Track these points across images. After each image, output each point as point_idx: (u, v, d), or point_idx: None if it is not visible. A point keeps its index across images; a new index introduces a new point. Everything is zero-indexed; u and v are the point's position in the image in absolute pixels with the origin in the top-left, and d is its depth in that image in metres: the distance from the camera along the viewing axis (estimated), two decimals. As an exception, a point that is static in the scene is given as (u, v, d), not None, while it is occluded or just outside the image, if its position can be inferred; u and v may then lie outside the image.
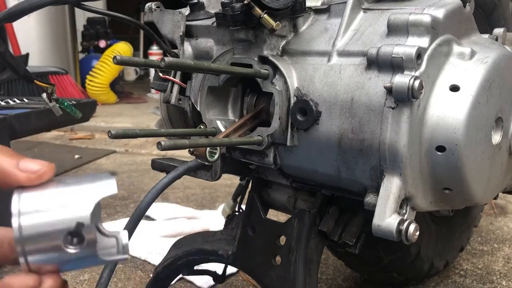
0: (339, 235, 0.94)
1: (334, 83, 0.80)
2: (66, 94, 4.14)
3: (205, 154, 0.84)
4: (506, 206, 2.14)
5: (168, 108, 1.12)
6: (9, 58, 0.84)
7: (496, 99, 0.82)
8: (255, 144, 0.86)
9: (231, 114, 0.96)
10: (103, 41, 5.70)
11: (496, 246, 1.78)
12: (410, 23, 0.76)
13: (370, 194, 0.80)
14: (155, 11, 1.02)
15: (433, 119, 0.76)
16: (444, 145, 0.76)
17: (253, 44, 0.89)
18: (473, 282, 1.54)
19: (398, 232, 0.73)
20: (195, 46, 1.01)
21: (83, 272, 1.68)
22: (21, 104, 2.51)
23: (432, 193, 0.81)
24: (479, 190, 0.83)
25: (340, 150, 0.80)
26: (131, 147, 3.33)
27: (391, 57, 0.73)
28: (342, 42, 0.83)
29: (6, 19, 0.77)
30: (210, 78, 0.93)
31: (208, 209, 2.12)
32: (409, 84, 0.70)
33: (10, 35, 4.09)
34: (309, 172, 0.89)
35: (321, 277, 1.55)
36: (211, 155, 0.85)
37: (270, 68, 0.86)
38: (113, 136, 0.74)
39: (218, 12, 0.88)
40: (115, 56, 0.64)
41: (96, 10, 0.84)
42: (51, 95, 0.94)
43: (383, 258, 1.30)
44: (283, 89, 0.85)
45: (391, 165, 0.75)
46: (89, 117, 2.72)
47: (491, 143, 0.84)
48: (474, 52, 0.80)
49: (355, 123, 0.77)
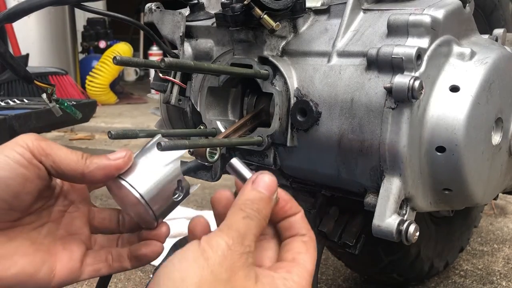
0: (339, 236, 0.94)
1: (334, 83, 0.80)
2: (66, 95, 4.14)
3: (205, 155, 0.84)
4: (506, 207, 2.14)
5: (168, 109, 1.12)
6: (9, 59, 0.84)
7: (496, 99, 0.82)
8: (255, 144, 0.86)
9: (231, 115, 0.96)
10: (103, 41, 5.71)
11: (496, 247, 1.78)
12: (410, 23, 0.76)
13: (370, 194, 0.80)
14: (155, 12, 1.02)
15: (433, 119, 0.76)
16: (444, 146, 0.76)
17: (253, 45, 0.89)
18: (473, 282, 1.54)
19: (398, 232, 0.73)
20: (195, 47, 1.01)
21: (83, 273, 1.68)
22: (21, 104, 2.52)
23: (432, 193, 0.81)
24: (479, 190, 0.83)
25: (340, 150, 0.80)
26: (131, 148, 3.33)
27: (391, 58, 0.73)
28: (342, 42, 0.83)
29: (6, 20, 0.77)
30: (210, 79, 0.93)
31: (208, 210, 2.12)
32: (409, 85, 0.70)
33: (10, 35, 4.10)
34: (309, 173, 0.89)
35: (321, 277, 1.55)
36: (211, 155, 0.85)
37: (270, 68, 0.86)
38: (113, 136, 0.74)
39: (218, 12, 0.88)
40: (115, 56, 0.64)
41: (96, 10, 0.84)
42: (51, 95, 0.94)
43: (383, 259, 1.30)
44: (283, 89, 0.85)
45: (391, 165, 0.75)
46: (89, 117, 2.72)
47: (491, 144, 0.84)
48: (474, 53, 0.80)
49: (355, 123, 0.77)
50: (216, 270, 0.50)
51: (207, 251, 0.51)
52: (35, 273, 0.62)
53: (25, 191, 0.59)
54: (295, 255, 0.58)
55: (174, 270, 0.50)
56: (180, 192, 0.68)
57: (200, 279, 0.49)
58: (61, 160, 0.61)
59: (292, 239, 0.60)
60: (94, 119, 3.94)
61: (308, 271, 0.57)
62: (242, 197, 0.57)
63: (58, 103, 0.95)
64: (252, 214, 0.55)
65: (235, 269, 0.51)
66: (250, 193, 0.57)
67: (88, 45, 5.79)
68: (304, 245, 0.59)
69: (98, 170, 0.62)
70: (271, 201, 0.58)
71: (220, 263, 0.50)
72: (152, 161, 0.66)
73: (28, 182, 0.59)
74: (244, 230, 0.54)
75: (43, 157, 0.60)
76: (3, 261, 0.60)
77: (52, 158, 0.60)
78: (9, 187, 0.58)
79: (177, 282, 0.49)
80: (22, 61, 3.63)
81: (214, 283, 0.49)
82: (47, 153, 0.60)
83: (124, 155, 0.64)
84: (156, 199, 0.65)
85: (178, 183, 0.68)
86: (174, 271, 0.50)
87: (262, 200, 0.57)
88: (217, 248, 0.51)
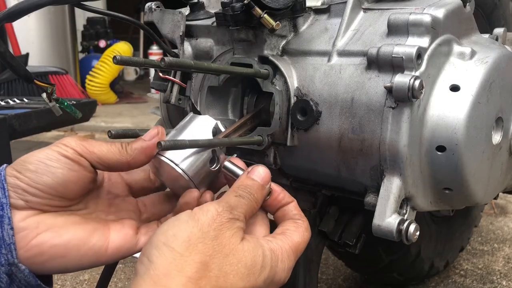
0: (339, 235, 0.94)
1: (334, 83, 0.80)
2: (66, 94, 4.14)
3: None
4: (506, 206, 2.14)
5: (168, 108, 1.12)
6: (9, 58, 0.84)
7: (496, 99, 0.82)
8: (255, 144, 0.85)
9: (231, 114, 0.96)
10: (103, 41, 5.71)
11: (496, 246, 1.78)
12: (410, 23, 0.75)
13: (370, 194, 0.80)
14: (155, 11, 1.02)
15: (433, 119, 0.76)
16: (444, 145, 0.76)
17: (253, 44, 0.89)
18: (473, 282, 1.54)
19: (398, 232, 0.73)
20: (195, 46, 1.01)
21: (83, 273, 1.68)
22: (21, 104, 2.52)
23: (432, 193, 0.81)
24: (479, 190, 0.83)
25: (340, 150, 0.80)
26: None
27: (391, 57, 0.73)
28: (342, 42, 0.83)
29: (6, 19, 0.77)
30: (210, 78, 0.93)
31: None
32: (409, 84, 0.70)
33: (10, 35, 4.10)
34: (309, 172, 0.89)
35: (321, 277, 1.55)
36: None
37: (270, 68, 0.86)
38: (113, 136, 0.74)
39: (218, 12, 0.88)
40: (115, 56, 0.64)
41: (96, 10, 0.83)
42: (51, 95, 0.93)
43: (383, 258, 1.30)
44: (283, 89, 0.85)
45: (391, 165, 0.75)
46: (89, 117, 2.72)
47: (491, 143, 0.84)
48: (475, 52, 0.80)
49: (355, 123, 0.77)
50: (204, 228, 0.58)
51: (198, 213, 0.59)
52: (88, 238, 0.66)
53: (71, 181, 0.64)
54: (284, 230, 0.66)
55: (168, 228, 0.58)
56: (216, 162, 0.72)
57: (189, 235, 0.57)
58: (105, 155, 0.66)
59: (285, 221, 0.68)
60: (94, 118, 3.94)
61: (293, 241, 0.65)
62: (237, 183, 0.66)
63: (58, 103, 0.95)
64: (243, 194, 0.64)
65: (223, 229, 0.59)
66: (244, 180, 0.66)
67: (88, 44, 5.79)
68: (294, 224, 0.67)
69: (140, 155, 0.67)
70: (263, 189, 0.66)
71: (209, 223, 0.58)
72: (186, 133, 0.72)
73: (74, 172, 0.64)
74: (234, 204, 0.62)
75: (87, 155, 0.65)
76: (56, 229, 0.64)
77: (96, 155, 0.66)
78: (56, 175, 0.63)
79: (170, 237, 0.57)
80: (22, 60, 3.64)
81: (202, 239, 0.57)
82: (90, 151, 0.65)
83: (157, 131, 0.68)
84: (195, 170, 0.69)
85: (213, 153, 0.71)
86: (168, 229, 0.58)
87: (254, 185, 0.66)
88: (207, 212, 0.59)
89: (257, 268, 0.59)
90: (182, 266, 0.55)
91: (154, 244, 0.57)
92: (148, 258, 0.56)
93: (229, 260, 0.58)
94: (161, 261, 0.55)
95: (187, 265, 0.55)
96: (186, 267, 0.55)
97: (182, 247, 0.56)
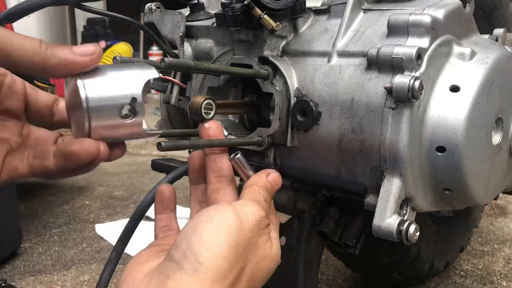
0: (339, 236, 0.94)
1: (334, 83, 0.80)
2: (66, 95, 4.13)
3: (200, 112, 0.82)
4: (506, 207, 2.14)
5: (168, 109, 1.12)
6: (9, 59, 0.84)
7: (496, 99, 0.82)
8: (255, 144, 0.86)
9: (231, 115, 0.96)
10: (103, 41, 5.70)
11: (496, 247, 1.78)
12: (410, 23, 0.75)
13: (370, 194, 0.80)
14: (155, 12, 1.02)
15: (433, 119, 0.76)
16: (444, 146, 0.76)
17: (253, 45, 0.89)
18: (474, 282, 1.54)
19: (398, 232, 0.73)
20: (195, 47, 1.01)
21: (83, 273, 1.68)
22: (21, 104, 2.50)
23: (432, 193, 0.81)
24: (479, 190, 0.83)
25: (340, 150, 0.80)
26: (131, 148, 3.33)
27: (391, 58, 0.73)
28: (342, 42, 0.83)
29: (6, 20, 0.77)
30: (210, 79, 0.93)
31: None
32: (409, 85, 0.70)
33: (10, 35, 4.09)
34: (309, 173, 0.89)
35: (321, 277, 1.55)
36: (207, 113, 0.83)
37: (270, 68, 0.86)
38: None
39: (218, 12, 0.88)
40: (115, 56, 0.64)
41: (96, 10, 0.84)
42: (51, 95, 0.94)
43: (384, 259, 1.30)
44: (283, 89, 0.85)
45: (391, 165, 0.75)
46: (89, 117, 2.71)
47: (491, 144, 0.84)
48: (474, 53, 0.80)
49: (355, 123, 0.77)
50: (248, 234, 0.62)
51: (242, 215, 0.63)
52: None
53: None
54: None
55: (217, 229, 0.60)
56: (131, 113, 0.59)
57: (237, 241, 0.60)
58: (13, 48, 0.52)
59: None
60: (94, 119, 3.92)
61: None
62: (261, 183, 0.72)
63: (58, 103, 0.95)
64: (268, 199, 0.71)
65: (261, 234, 0.65)
66: (266, 182, 0.72)
67: (88, 45, 5.79)
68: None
69: (60, 67, 0.55)
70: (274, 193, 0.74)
71: (253, 229, 0.63)
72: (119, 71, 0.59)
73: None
74: (266, 207, 0.68)
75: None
76: None
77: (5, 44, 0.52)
78: None
79: (221, 241, 0.59)
80: (22, 61, 3.62)
81: (246, 245, 0.62)
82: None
83: (93, 51, 0.55)
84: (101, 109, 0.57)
85: (132, 100, 0.58)
86: (217, 230, 0.60)
87: (273, 190, 0.73)
88: (251, 215, 0.64)
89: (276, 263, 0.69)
90: (229, 274, 0.58)
91: (204, 243, 0.58)
92: (195, 256, 0.57)
93: (260, 266, 0.64)
94: (211, 266, 0.57)
95: (232, 273, 0.59)
96: (230, 276, 0.58)
97: (231, 255, 0.59)
